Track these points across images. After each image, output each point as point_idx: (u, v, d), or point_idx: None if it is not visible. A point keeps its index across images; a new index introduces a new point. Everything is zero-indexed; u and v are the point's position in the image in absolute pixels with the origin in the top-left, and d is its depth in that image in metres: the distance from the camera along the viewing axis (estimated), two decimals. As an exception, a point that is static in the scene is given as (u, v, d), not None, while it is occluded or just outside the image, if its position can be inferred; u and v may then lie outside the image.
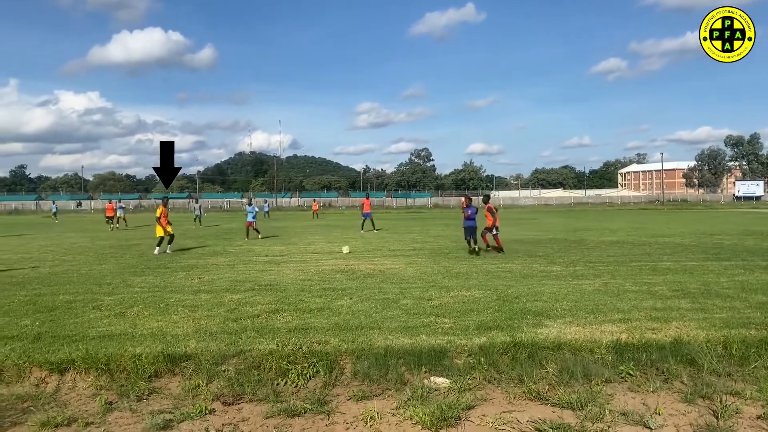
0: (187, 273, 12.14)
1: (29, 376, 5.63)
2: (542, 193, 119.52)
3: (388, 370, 5.64)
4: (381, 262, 13.93)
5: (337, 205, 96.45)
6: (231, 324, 7.31)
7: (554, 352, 6.00)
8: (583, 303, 8.33)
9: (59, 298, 9.22)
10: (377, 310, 8.04)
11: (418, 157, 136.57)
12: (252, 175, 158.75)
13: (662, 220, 38.78)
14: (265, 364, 5.77)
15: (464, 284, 10.15)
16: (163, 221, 17.32)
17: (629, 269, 11.93)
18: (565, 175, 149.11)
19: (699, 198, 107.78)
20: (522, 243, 19.23)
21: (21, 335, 6.77)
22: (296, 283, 10.62)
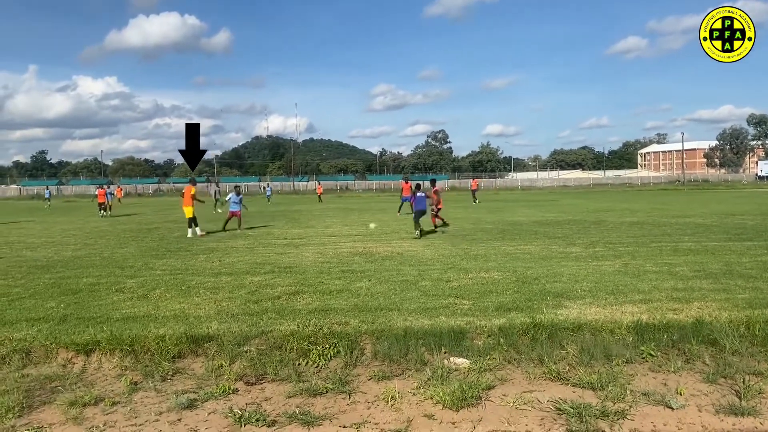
0: (207, 256, 12.26)
1: (56, 357, 5.76)
2: (561, 175, 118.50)
3: (408, 350, 5.68)
4: (399, 244, 13.95)
5: (354, 188, 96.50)
6: (252, 306, 7.39)
7: (574, 333, 5.99)
8: (603, 284, 8.29)
9: (83, 280, 9.37)
10: (396, 291, 8.08)
11: (434, 139, 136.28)
12: (269, 159, 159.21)
13: (683, 200, 38.33)
14: (286, 344, 5.84)
15: (483, 266, 10.14)
16: (190, 200, 17.58)
17: (649, 250, 11.84)
18: (584, 156, 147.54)
19: (720, 178, 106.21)
20: (541, 224, 19.14)
21: (47, 317, 6.91)
22: (315, 265, 10.68)
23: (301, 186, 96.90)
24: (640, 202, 36.67)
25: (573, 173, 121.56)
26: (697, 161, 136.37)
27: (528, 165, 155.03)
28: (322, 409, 4.53)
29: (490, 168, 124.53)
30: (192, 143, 21.79)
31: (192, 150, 21.94)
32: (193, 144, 21.87)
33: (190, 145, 21.72)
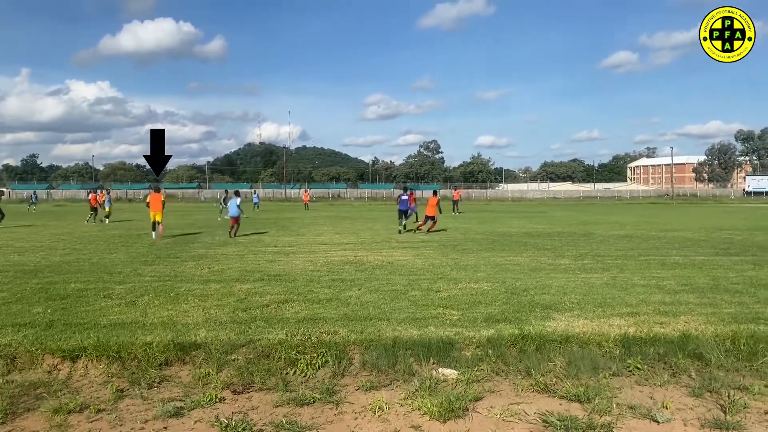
0: (196, 263, 12.21)
1: (42, 363, 5.70)
2: (551, 187, 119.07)
3: (396, 360, 5.68)
4: (389, 253, 13.97)
5: (345, 196, 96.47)
6: (240, 314, 7.36)
7: (562, 345, 6.02)
8: (591, 296, 8.33)
9: (71, 286, 9.30)
10: (386, 301, 8.08)
11: (426, 149, 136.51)
12: (261, 166, 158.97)
13: (671, 214, 38.59)
14: (274, 353, 5.82)
15: (472, 276, 10.17)
16: (159, 206, 18.67)
17: (638, 263, 11.91)
18: (574, 169, 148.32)
19: (709, 193, 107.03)
20: (531, 236, 19.22)
21: (33, 322, 6.85)
22: (305, 273, 10.67)
23: (293, 193, 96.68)
24: (629, 215, 36.89)
25: (563, 185, 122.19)
26: (686, 176, 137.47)
27: (519, 176, 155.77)
28: (309, 419, 4.52)
29: (482, 179, 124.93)
30: (157, 148, 21.83)
31: (157, 155, 21.95)
32: (158, 149, 21.90)
33: (155, 150, 21.75)
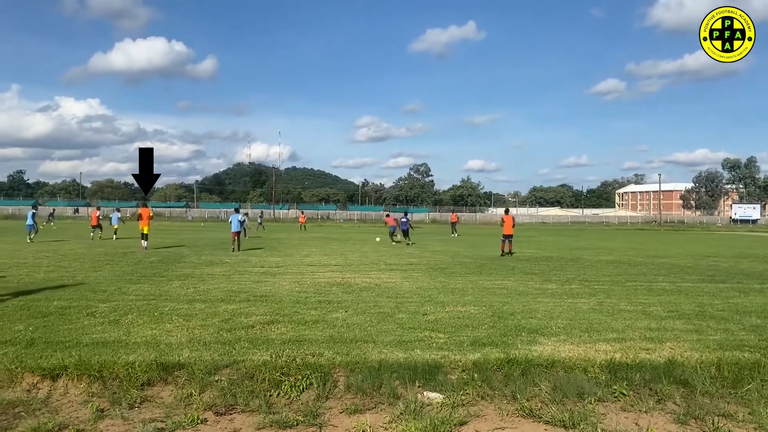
0: (182, 282, 12.11)
1: (21, 382, 5.60)
2: (539, 211, 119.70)
3: (381, 383, 5.62)
4: (377, 275, 13.93)
5: (335, 218, 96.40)
6: (225, 334, 7.29)
7: (548, 369, 5.99)
8: (577, 321, 8.33)
9: (53, 303, 9.19)
10: (372, 323, 8.03)
11: (417, 172, 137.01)
12: (250, 186, 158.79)
13: (659, 240, 38.85)
14: (258, 375, 5.75)
15: (460, 300, 10.15)
16: (146, 221, 22.20)
17: (625, 289, 11.95)
18: (562, 194, 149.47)
19: (696, 220, 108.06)
20: (518, 260, 19.26)
21: (14, 340, 6.75)
22: (292, 294, 10.61)
23: (281, 214, 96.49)
24: (617, 240, 37.10)
25: (551, 210, 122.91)
26: (674, 202, 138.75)
27: (508, 201, 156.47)
28: (292, 442, 4.46)
29: (471, 202, 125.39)
30: (145, 167, 21.92)
31: (145, 174, 22.03)
32: (146, 168, 21.98)
33: (144, 169, 21.85)
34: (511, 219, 21.39)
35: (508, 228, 21.11)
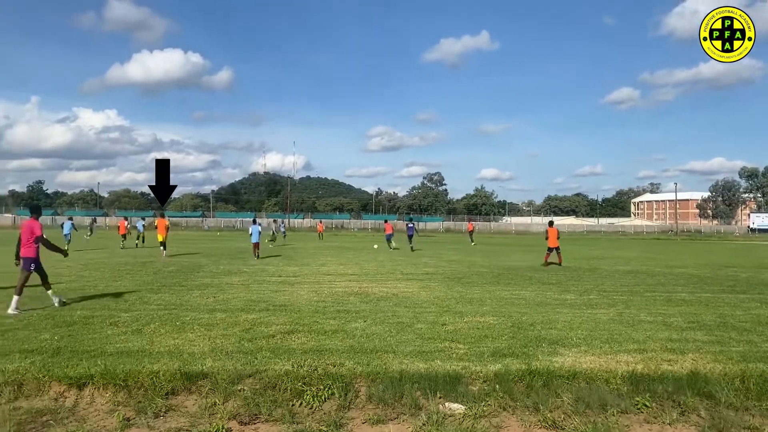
0: (202, 292, 12.22)
1: (48, 390, 5.69)
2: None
3: (403, 394, 5.65)
4: (394, 285, 13.96)
5: (349, 227, 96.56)
6: (246, 344, 7.36)
7: (569, 381, 5.99)
8: (597, 332, 8.30)
9: (77, 313, 9.32)
10: (391, 333, 8.06)
11: (430, 181, 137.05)
12: (265, 196, 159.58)
13: (676, 250, 38.51)
14: (280, 384, 5.81)
15: (478, 310, 10.15)
16: (164, 230, 24.42)
17: (643, 299, 11.88)
18: (577, 203, 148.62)
19: (713, 229, 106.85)
20: (535, 270, 19.20)
21: (40, 349, 6.86)
22: (310, 304, 10.66)
23: (296, 223, 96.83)
24: (634, 250, 36.83)
25: (567, 219, 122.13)
26: (690, 212, 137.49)
27: (522, 210, 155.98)
28: (317, 452, 4.49)
29: (485, 211, 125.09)
30: (162, 178, 22.13)
31: (162, 185, 22.25)
32: (163, 179, 22.19)
33: (160, 179, 22.06)
34: (556, 231, 22.17)
35: (553, 240, 21.67)
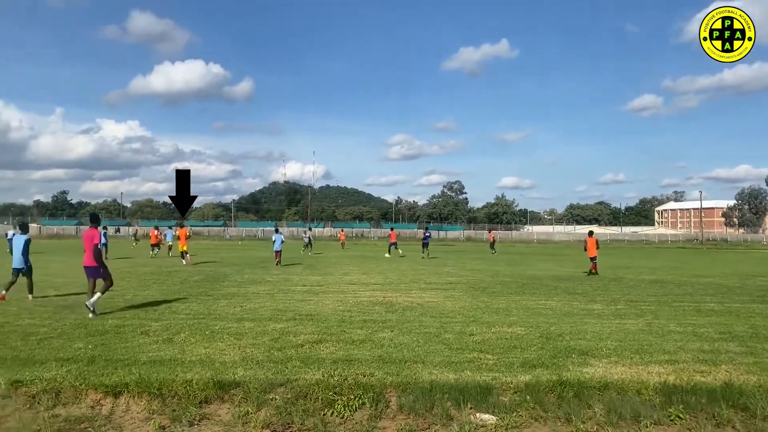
0: (228, 301, 12.34)
1: (85, 398, 5.80)
2: (577, 229, 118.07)
3: (433, 404, 5.66)
4: (418, 295, 13.97)
5: (369, 235, 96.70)
6: (276, 353, 7.42)
7: (601, 392, 5.95)
8: (627, 343, 8.23)
9: (108, 322, 9.47)
10: (419, 344, 8.07)
11: (450, 189, 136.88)
12: (285, 205, 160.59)
13: (702, 259, 37.98)
14: (311, 393, 5.85)
15: (505, 320, 10.12)
16: (184, 239, 25.10)
17: (672, 309, 11.75)
18: (600, 211, 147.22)
19: (739, 238, 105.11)
20: (560, 279, 19.07)
21: (75, 357, 6.99)
22: (336, 313, 10.72)
23: (316, 232, 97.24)
24: (659, 259, 36.40)
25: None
26: (715, 220, 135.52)
27: (544, 218, 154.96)
28: (351, 461, 4.53)
29: (506, 220, 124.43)
30: (182, 189, 22.40)
31: (182, 195, 22.52)
32: (183, 189, 22.46)
33: (180, 190, 22.33)
34: (595, 241, 21.91)
35: (592, 250, 21.64)
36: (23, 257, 12.51)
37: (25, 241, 12.64)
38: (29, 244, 12.76)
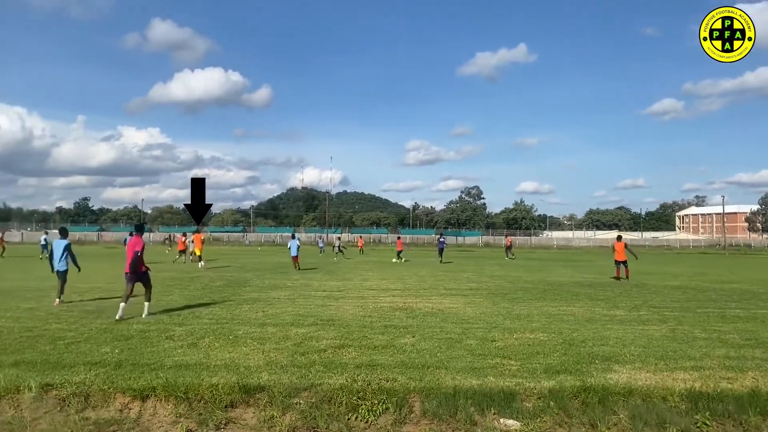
0: (251, 306, 12.44)
1: (114, 402, 5.91)
2: (597, 234, 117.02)
3: (457, 410, 5.68)
4: (438, 300, 13.96)
5: (386, 241, 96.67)
6: (299, 358, 7.48)
7: (625, 398, 5.93)
8: (651, 349, 8.17)
9: (133, 327, 9.60)
10: (441, 349, 8.08)
11: (468, 194, 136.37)
12: (303, 210, 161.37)
13: (725, 265, 37.46)
14: (335, 398, 5.90)
15: (527, 326, 10.08)
16: (200, 244, 27.01)
17: (696, 315, 11.62)
18: (620, 217, 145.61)
19: (763, 243, 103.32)
20: (581, 285, 18.94)
21: (103, 362, 7.10)
22: (357, 319, 10.76)
23: (334, 238, 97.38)
24: (681, 265, 35.98)
25: (610, 233, 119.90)
26: (738, 225, 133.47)
27: (563, 224, 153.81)
28: (377, 466, 4.55)
29: (525, 225, 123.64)
30: (197, 196, 22.69)
31: (197, 202, 22.83)
32: (198, 197, 22.74)
33: (195, 197, 22.62)
34: (623, 245, 22.13)
35: (620, 254, 21.81)
36: (63, 260, 13.11)
37: (65, 245, 13.20)
38: (70, 248, 13.33)
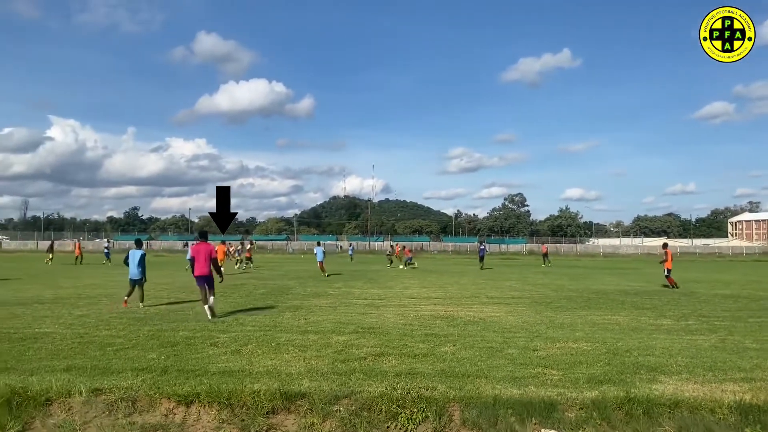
0: (293, 313, 12.60)
1: (159, 407, 6.07)
2: (645, 242, 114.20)
3: (497, 419, 5.64)
4: (480, 309, 13.86)
5: (428, 249, 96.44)
6: (340, 365, 7.53)
7: (671, 410, 5.79)
8: (699, 359, 7.94)
9: (179, 333, 9.83)
10: (482, 358, 8.03)
11: (512, 202, 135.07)
12: (346, 219, 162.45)
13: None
14: (375, 406, 5.93)
15: (570, 336, 9.92)
16: (222, 256, 26.63)
17: (748, 325, 11.24)
18: (669, 223, 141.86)
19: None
20: (627, 294, 18.54)
21: (150, 368, 7.29)
22: (398, 327, 10.77)
23: (376, 246, 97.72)
24: (733, 273, 34.83)
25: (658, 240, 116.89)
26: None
27: (610, 231, 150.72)
28: (415, 474, 4.56)
29: (570, 233, 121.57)
30: (223, 205, 22.90)
31: (222, 212, 23.02)
32: (224, 206, 22.94)
33: (221, 207, 22.83)
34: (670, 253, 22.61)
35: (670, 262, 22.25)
36: (139, 269, 13.93)
37: (141, 255, 14.05)
38: (145, 258, 14.19)
